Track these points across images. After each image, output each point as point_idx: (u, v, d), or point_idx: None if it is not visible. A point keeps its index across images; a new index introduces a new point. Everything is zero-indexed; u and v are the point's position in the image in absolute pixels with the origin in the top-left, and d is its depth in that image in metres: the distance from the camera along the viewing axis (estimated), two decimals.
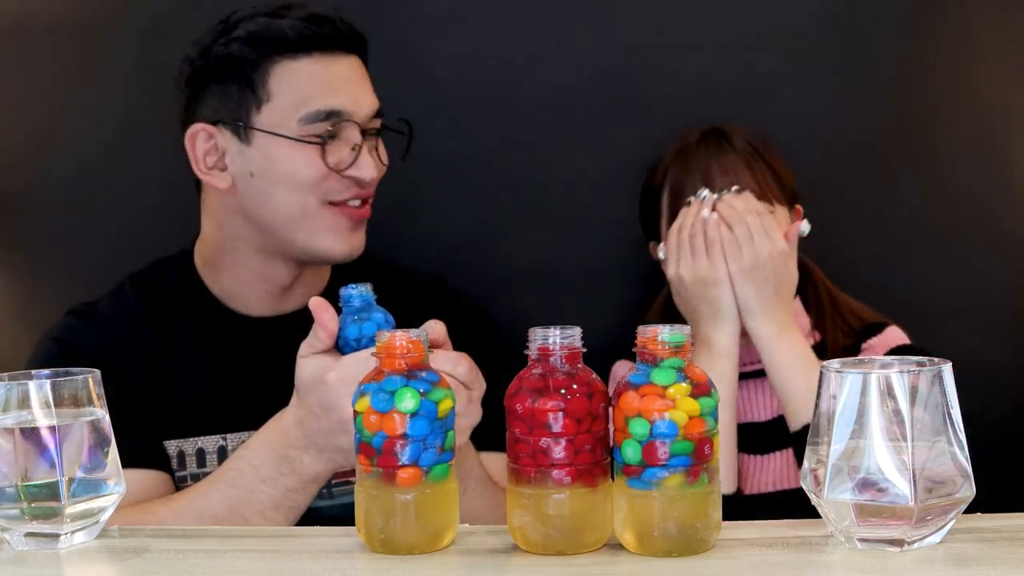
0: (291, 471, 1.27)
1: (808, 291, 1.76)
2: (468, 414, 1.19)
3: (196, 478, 1.43)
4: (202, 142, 1.49)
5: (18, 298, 1.93)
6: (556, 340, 0.96)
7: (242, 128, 1.47)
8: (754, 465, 1.69)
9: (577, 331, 0.96)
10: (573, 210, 1.93)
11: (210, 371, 1.50)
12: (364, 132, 1.48)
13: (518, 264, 1.91)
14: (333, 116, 1.46)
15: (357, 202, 1.49)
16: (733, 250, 1.56)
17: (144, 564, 0.98)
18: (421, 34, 1.90)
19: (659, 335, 0.94)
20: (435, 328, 1.21)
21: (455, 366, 1.18)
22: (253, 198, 1.48)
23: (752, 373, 1.73)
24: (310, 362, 1.22)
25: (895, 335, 1.72)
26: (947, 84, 1.94)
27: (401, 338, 0.96)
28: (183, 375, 1.49)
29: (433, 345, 1.17)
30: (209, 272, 1.55)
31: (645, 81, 1.92)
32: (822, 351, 1.71)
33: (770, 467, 1.68)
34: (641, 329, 0.95)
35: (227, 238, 1.52)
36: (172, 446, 1.46)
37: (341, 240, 1.48)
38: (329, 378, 1.20)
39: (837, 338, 1.72)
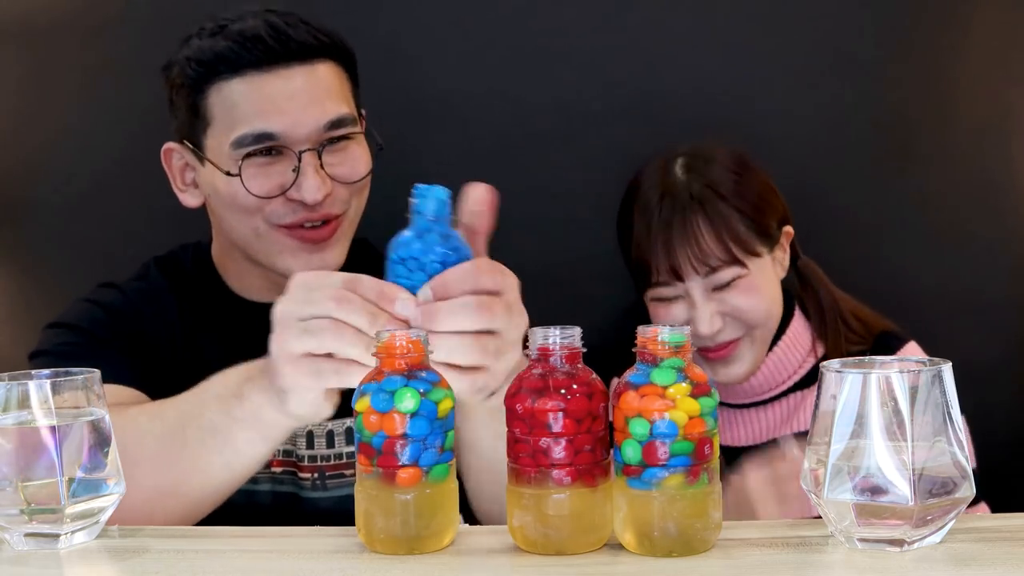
0: (244, 397, 1.12)
1: (808, 299, 1.73)
2: (517, 325, 1.07)
3: None
4: (176, 159, 1.50)
5: (18, 298, 1.93)
6: (556, 340, 0.96)
7: (194, 150, 1.45)
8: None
9: (577, 331, 0.96)
10: (573, 212, 1.93)
11: (222, 353, 1.49)
12: (312, 150, 1.39)
13: (517, 265, 1.91)
14: (265, 138, 1.39)
15: (316, 223, 1.42)
16: None
17: (144, 564, 0.98)
18: (419, 38, 1.90)
19: (659, 335, 0.94)
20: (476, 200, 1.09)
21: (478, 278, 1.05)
22: (216, 217, 1.48)
23: (740, 405, 1.73)
24: (298, 277, 1.07)
25: (912, 351, 1.68)
26: (946, 85, 1.94)
27: (401, 338, 0.96)
28: (199, 351, 1.48)
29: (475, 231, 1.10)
30: (219, 263, 1.56)
31: (644, 85, 1.92)
32: None
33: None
34: (641, 329, 0.95)
35: (223, 246, 1.54)
36: None
37: (300, 262, 1.41)
38: (277, 309, 1.06)
39: (840, 345, 1.67)
